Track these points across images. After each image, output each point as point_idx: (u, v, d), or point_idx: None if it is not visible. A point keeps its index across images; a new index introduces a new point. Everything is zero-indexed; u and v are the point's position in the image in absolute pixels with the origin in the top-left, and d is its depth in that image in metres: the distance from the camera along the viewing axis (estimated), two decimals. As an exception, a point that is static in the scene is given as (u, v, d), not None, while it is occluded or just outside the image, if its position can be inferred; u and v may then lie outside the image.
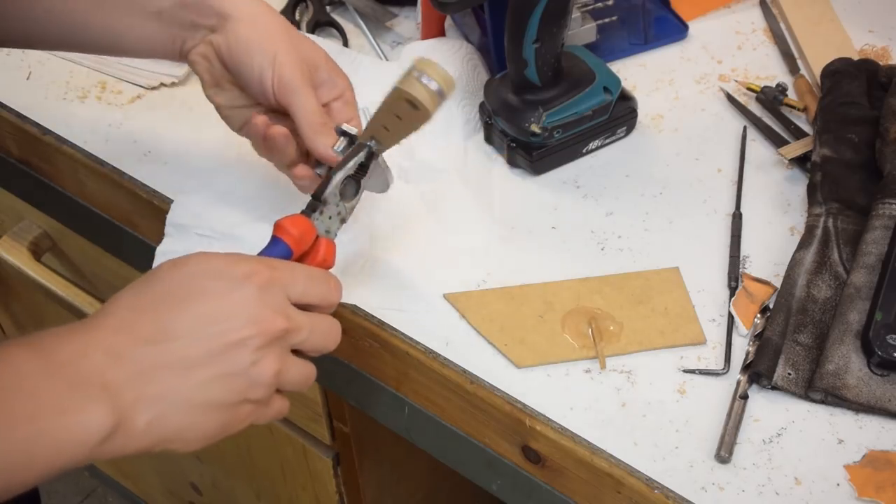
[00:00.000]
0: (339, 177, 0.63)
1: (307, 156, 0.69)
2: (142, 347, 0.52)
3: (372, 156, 0.65)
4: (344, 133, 0.66)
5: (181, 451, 0.55)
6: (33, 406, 0.49)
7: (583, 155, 0.80)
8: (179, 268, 0.56)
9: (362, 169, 0.65)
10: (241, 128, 0.71)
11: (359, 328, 0.70)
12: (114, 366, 0.51)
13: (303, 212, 0.63)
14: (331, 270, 0.63)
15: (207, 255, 0.57)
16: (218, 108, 0.71)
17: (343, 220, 0.65)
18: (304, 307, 0.58)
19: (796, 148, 0.78)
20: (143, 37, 0.69)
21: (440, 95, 0.60)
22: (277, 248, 0.60)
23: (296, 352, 0.58)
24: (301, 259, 0.62)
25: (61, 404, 0.49)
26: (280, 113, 0.68)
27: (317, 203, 0.63)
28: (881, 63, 0.83)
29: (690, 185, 0.78)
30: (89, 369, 0.51)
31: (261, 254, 0.60)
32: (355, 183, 0.65)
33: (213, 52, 0.68)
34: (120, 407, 0.51)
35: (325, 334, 0.60)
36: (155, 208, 0.78)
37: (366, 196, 0.68)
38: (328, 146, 0.65)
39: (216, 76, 0.69)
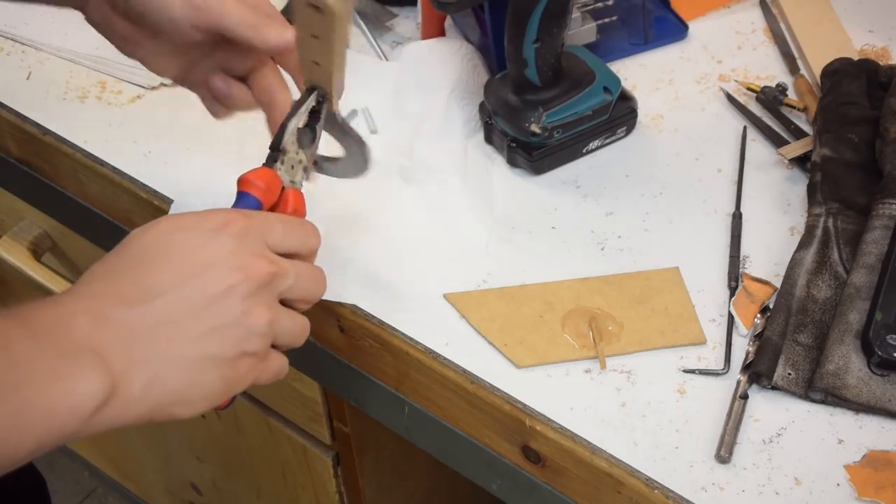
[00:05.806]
0: (293, 123, 0.61)
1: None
2: (126, 309, 0.50)
3: (323, 99, 0.62)
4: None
5: (185, 415, 0.52)
6: (22, 373, 0.46)
7: (583, 155, 0.80)
8: (149, 230, 0.54)
9: (315, 115, 0.62)
10: (182, 80, 0.66)
11: (359, 328, 0.70)
12: (100, 329, 0.49)
13: (264, 164, 0.60)
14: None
15: (176, 214, 0.55)
16: (144, 64, 0.65)
17: (306, 170, 0.63)
18: (284, 256, 0.56)
19: (796, 148, 0.78)
20: None
21: None
22: (246, 202, 0.58)
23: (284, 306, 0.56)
24: (272, 211, 0.60)
25: (52, 371, 0.47)
26: (211, 44, 0.63)
27: (276, 153, 0.60)
28: (881, 63, 0.83)
29: (690, 185, 0.78)
30: (76, 334, 0.48)
31: None
32: (311, 130, 0.62)
33: (107, 5, 0.62)
34: (113, 371, 0.48)
35: (311, 279, 0.57)
36: (155, 208, 0.78)
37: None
38: (282, 34, 0.60)
39: (122, 32, 0.63)
